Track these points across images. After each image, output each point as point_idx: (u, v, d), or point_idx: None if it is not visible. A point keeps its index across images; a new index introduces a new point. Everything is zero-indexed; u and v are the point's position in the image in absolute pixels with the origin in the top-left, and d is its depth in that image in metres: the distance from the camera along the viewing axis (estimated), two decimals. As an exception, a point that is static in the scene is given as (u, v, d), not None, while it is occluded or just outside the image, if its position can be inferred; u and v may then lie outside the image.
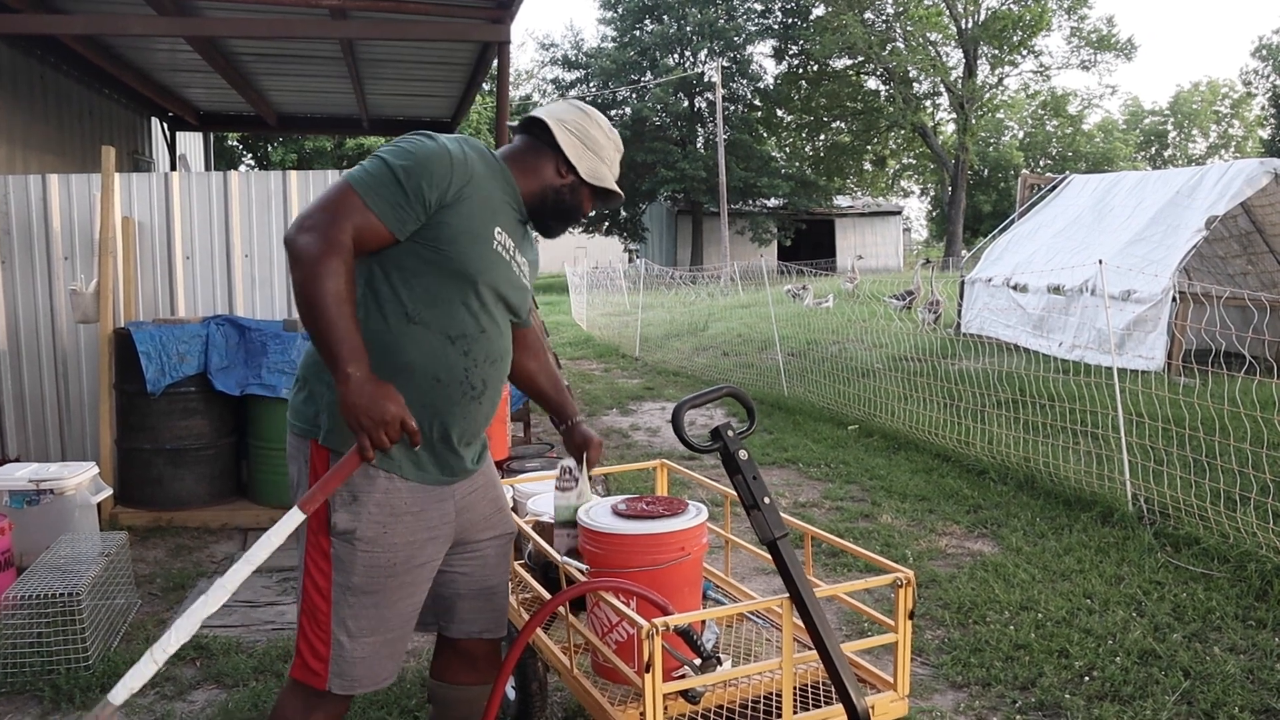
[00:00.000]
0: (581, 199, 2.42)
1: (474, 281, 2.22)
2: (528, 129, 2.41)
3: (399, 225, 2.13)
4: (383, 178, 2.11)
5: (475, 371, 2.26)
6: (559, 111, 2.41)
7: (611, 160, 2.44)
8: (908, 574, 2.34)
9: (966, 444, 6.81)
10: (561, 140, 2.35)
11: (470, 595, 2.44)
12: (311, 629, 2.21)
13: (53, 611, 3.63)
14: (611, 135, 2.45)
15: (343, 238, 2.06)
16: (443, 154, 2.15)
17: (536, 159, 2.38)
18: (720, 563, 3.27)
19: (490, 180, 2.26)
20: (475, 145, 2.28)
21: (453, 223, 2.17)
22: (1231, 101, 56.51)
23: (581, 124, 2.39)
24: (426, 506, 2.25)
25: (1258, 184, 9.67)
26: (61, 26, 7.27)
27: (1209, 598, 4.22)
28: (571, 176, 2.38)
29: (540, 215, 2.41)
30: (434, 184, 2.13)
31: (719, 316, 17.80)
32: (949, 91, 39.71)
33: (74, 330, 6.29)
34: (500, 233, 2.27)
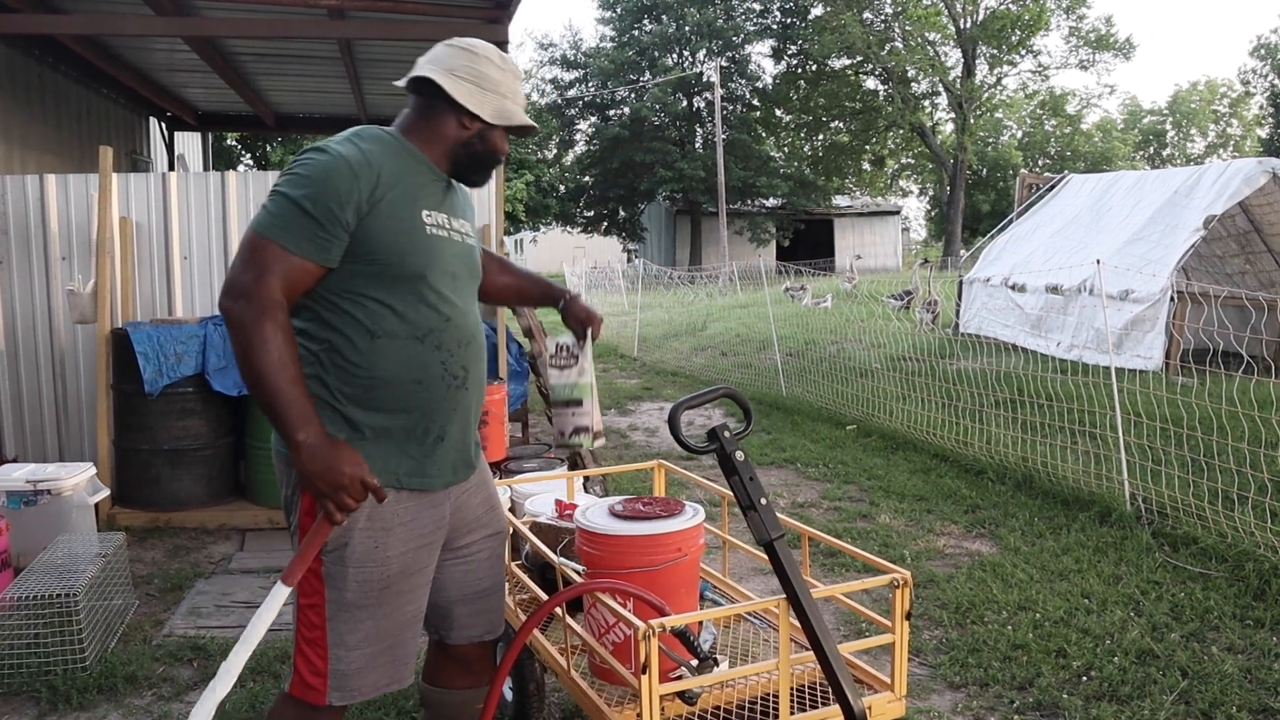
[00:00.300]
0: (494, 143, 2.28)
1: (422, 276, 2.15)
2: (417, 89, 2.24)
3: (325, 256, 2.05)
4: (290, 215, 2.02)
5: (452, 361, 2.21)
6: (443, 59, 2.23)
7: (514, 92, 2.28)
8: (905, 575, 2.34)
9: (964, 444, 6.81)
10: (455, 92, 2.19)
11: (466, 599, 2.41)
12: (308, 647, 2.18)
13: (50, 612, 3.63)
14: (506, 65, 2.27)
15: (272, 295, 2.00)
16: (341, 166, 2.05)
17: (434, 120, 2.23)
18: (718, 563, 3.27)
19: (399, 166, 2.15)
20: (370, 135, 2.17)
21: (378, 228, 2.09)
22: (1230, 101, 56.55)
23: (472, 66, 2.21)
24: (419, 514, 2.21)
25: (1255, 183, 9.67)
26: (60, 26, 7.26)
27: (1207, 597, 4.22)
28: (477, 125, 2.24)
29: (458, 173, 2.30)
30: (343, 200, 2.03)
31: (717, 316, 17.80)
32: (947, 91, 39.72)
33: (71, 330, 6.29)
34: (429, 214, 2.19)
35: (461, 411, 2.26)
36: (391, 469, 2.16)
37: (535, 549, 2.73)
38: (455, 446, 2.27)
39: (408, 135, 2.24)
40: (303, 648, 2.19)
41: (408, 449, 2.18)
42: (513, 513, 3.53)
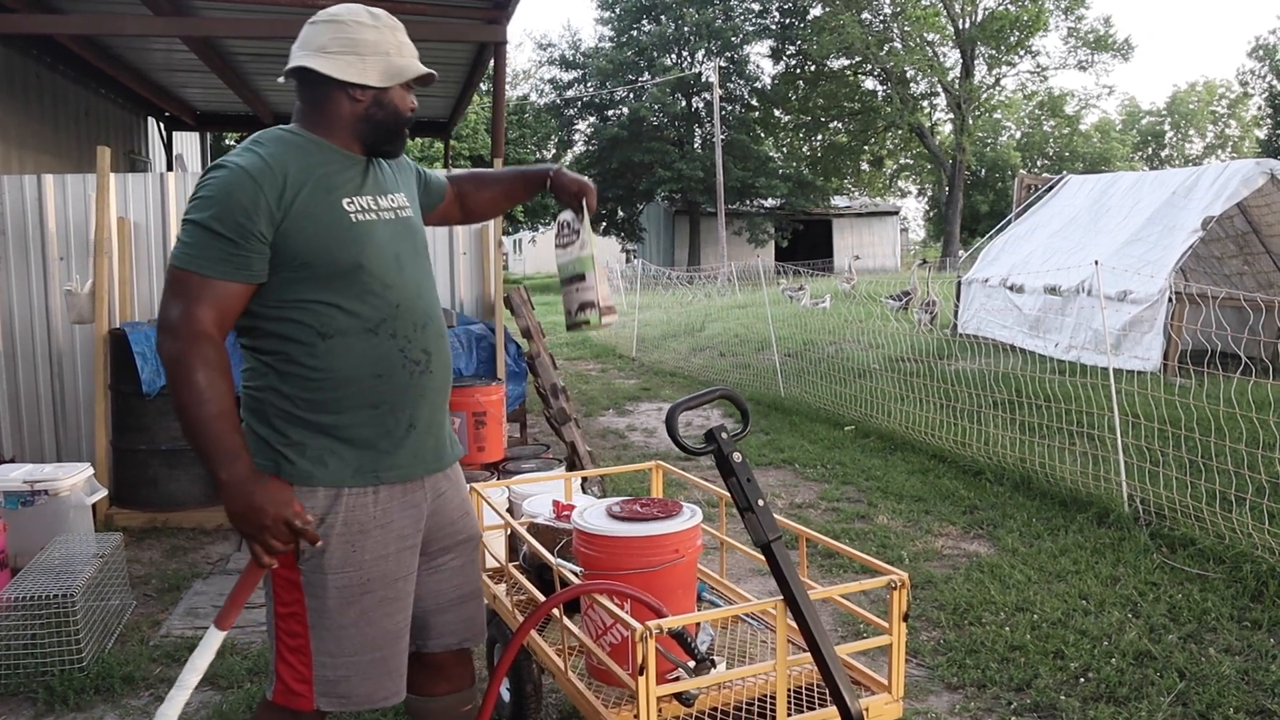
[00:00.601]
0: (395, 105, 2.16)
1: (359, 266, 2.08)
2: (300, 78, 2.14)
3: (247, 273, 2.00)
4: (202, 241, 1.97)
5: (411, 347, 2.15)
6: (312, 40, 2.12)
7: (397, 46, 2.15)
8: (902, 576, 2.34)
9: (963, 444, 6.81)
10: (333, 70, 2.09)
11: (443, 608, 2.35)
12: (292, 656, 2.13)
13: (47, 613, 3.62)
14: (381, 21, 2.14)
15: (200, 328, 1.96)
16: (243, 178, 1.98)
17: (324, 104, 2.13)
18: (715, 564, 3.27)
19: (306, 162, 2.07)
20: (270, 137, 2.10)
21: (299, 231, 2.02)
22: (1228, 102, 56.60)
23: (343, 36, 2.10)
24: (396, 516, 2.17)
25: (1254, 184, 9.68)
26: (58, 26, 7.26)
27: (1204, 599, 4.22)
28: (368, 94, 2.13)
29: (371, 149, 2.19)
30: (251, 212, 1.97)
31: (716, 317, 17.80)
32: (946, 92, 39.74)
33: (69, 331, 6.29)
34: (350, 201, 2.11)
35: (430, 396, 2.21)
36: (368, 468, 2.12)
37: (533, 550, 2.73)
38: (429, 432, 2.22)
39: (308, 127, 2.15)
40: (286, 656, 2.14)
41: (380, 444, 2.13)
42: (511, 513, 3.53)
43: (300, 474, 2.08)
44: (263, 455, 2.11)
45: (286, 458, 2.09)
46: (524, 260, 60.53)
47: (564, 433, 6.41)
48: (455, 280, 6.78)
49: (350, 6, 2.15)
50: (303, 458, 2.08)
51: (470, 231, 6.74)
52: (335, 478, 2.10)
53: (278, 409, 2.10)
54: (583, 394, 10.71)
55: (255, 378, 2.13)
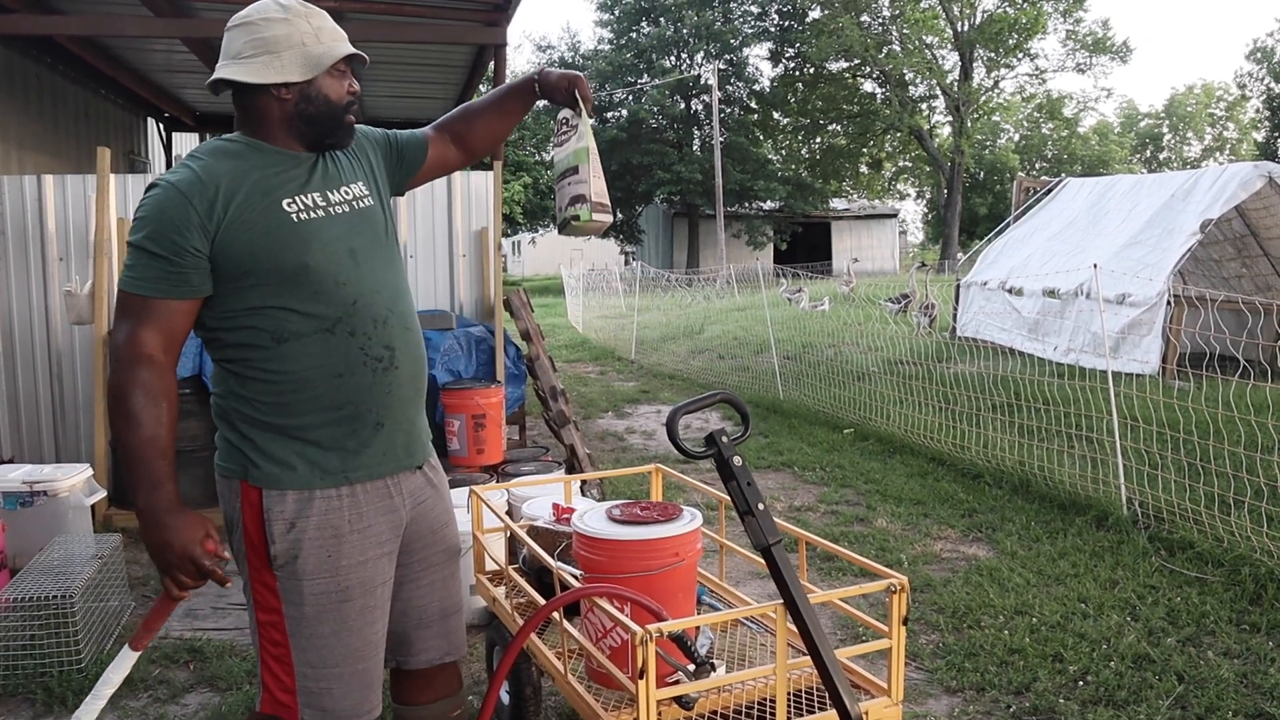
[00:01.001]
0: (326, 94, 2.09)
1: (303, 268, 2.03)
2: (231, 89, 2.09)
3: (186, 289, 1.99)
4: (141, 262, 1.97)
5: (371, 344, 2.10)
6: (229, 48, 2.08)
7: (315, 31, 2.08)
8: (902, 580, 2.34)
9: (962, 448, 6.82)
10: (249, 75, 2.04)
11: (427, 624, 2.33)
12: (276, 664, 2.11)
13: (46, 614, 3.63)
14: (290, 11, 2.07)
15: (139, 349, 1.96)
16: (173, 195, 1.96)
17: (254, 109, 2.09)
18: (715, 567, 3.27)
19: (241, 169, 2.04)
20: (207, 149, 2.07)
21: (238, 239, 1.99)
22: (1226, 104, 56.66)
23: (254, 37, 2.05)
24: (374, 520, 2.14)
25: (1252, 188, 9.69)
26: (58, 27, 7.27)
27: (1203, 602, 4.22)
28: (293, 91, 2.07)
29: (315, 143, 2.14)
30: (184, 228, 1.95)
31: (715, 319, 17.80)
32: (945, 94, 39.77)
33: (68, 331, 6.29)
34: (292, 201, 2.06)
35: (397, 392, 2.16)
36: (336, 468, 2.09)
37: (532, 553, 2.73)
38: (399, 429, 2.18)
39: (248, 132, 2.12)
40: (270, 664, 2.12)
41: (347, 444, 2.10)
42: (510, 516, 3.53)
43: (268, 478, 2.07)
44: (232, 460, 2.11)
45: (253, 462, 2.08)
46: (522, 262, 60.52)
47: (563, 435, 6.42)
48: (455, 282, 6.78)
49: (260, 4, 2.08)
50: (269, 461, 2.07)
51: (470, 234, 6.74)
52: (304, 481, 2.08)
53: (242, 414, 2.09)
54: (581, 396, 10.71)
55: (220, 384, 2.13)
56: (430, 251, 6.72)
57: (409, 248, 6.64)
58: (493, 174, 6.69)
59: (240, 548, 2.13)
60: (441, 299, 6.74)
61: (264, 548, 2.07)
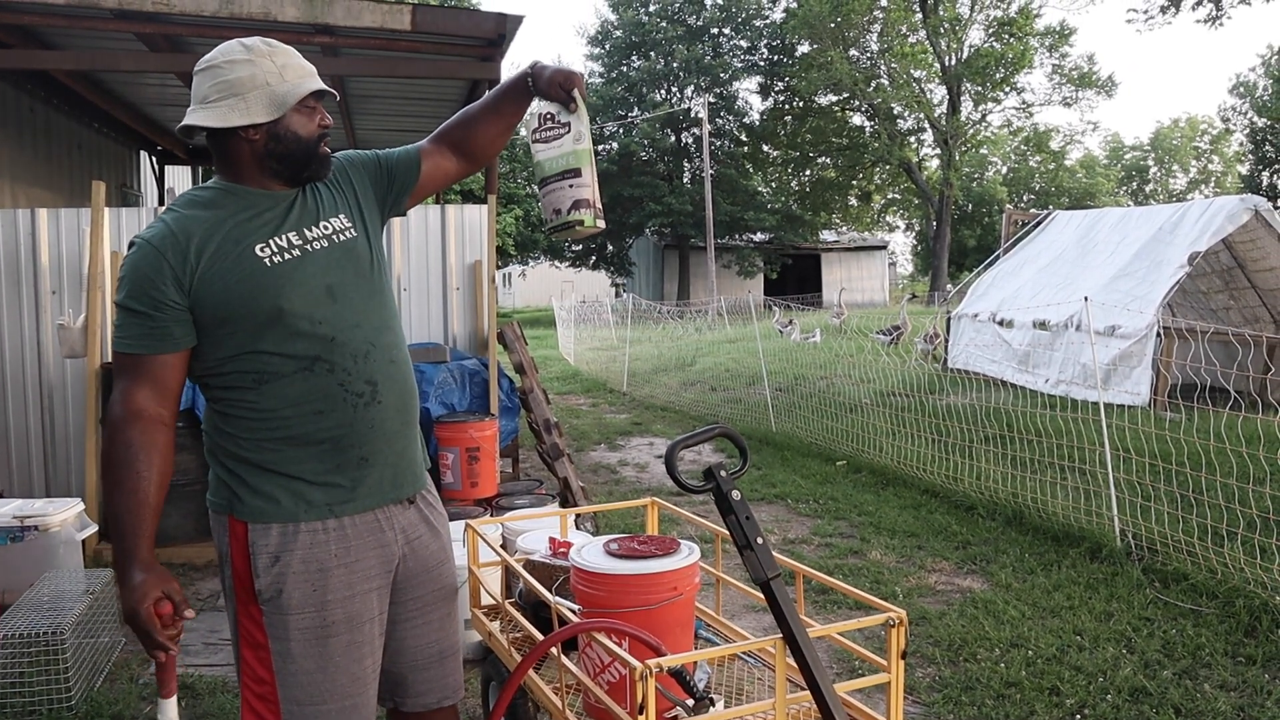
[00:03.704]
0: (295, 131, 2.08)
1: (278, 311, 2.03)
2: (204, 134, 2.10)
3: (170, 343, 2.02)
4: (125, 321, 2.02)
5: (351, 379, 2.10)
6: (196, 93, 2.08)
7: (278, 68, 2.06)
8: (900, 614, 2.34)
9: (954, 480, 6.82)
10: (214, 120, 2.04)
11: (424, 666, 2.31)
12: (258, 702, 2.09)
13: (35, 650, 3.59)
14: (254, 51, 2.06)
15: (134, 407, 1.99)
16: (146, 252, 2.00)
17: (226, 152, 2.10)
18: (711, 600, 3.26)
19: (214, 217, 2.05)
20: (183, 200, 2.10)
21: (212, 290, 2.01)
22: (1210, 138, 57.26)
23: (218, 80, 2.05)
24: (362, 554, 2.12)
25: (1239, 220, 9.79)
26: (56, 62, 7.30)
27: (1198, 634, 4.22)
28: (260, 131, 2.06)
29: (292, 179, 2.14)
30: (159, 283, 1.98)
31: (706, 351, 17.82)
32: (933, 128, 40.08)
33: (61, 365, 6.27)
34: (263, 246, 2.06)
35: (381, 427, 2.14)
36: (320, 501, 2.09)
37: (529, 587, 2.72)
38: (386, 463, 2.17)
39: (224, 175, 2.13)
40: (252, 703, 2.09)
41: (332, 479, 2.10)
42: (505, 549, 3.52)
43: (252, 511, 2.08)
44: (219, 495, 2.13)
45: (239, 497, 2.09)
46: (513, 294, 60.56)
47: (557, 468, 6.40)
48: (449, 315, 6.79)
49: (224, 46, 2.08)
50: (254, 495, 2.08)
51: (464, 266, 6.76)
52: (288, 514, 2.08)
53: (228, 451, 2.11)
54: (574, 429, 10.70)
55: (209, 422, 2.17)
56: (424, 284, 6.73)
57: (402, 280, 6.65)
58: (486, 207, 6.72)
59: (229, 583, 2.13)
60: (435, 332, 6.75)
61: (250, 581, 2.07)
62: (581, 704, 2.61)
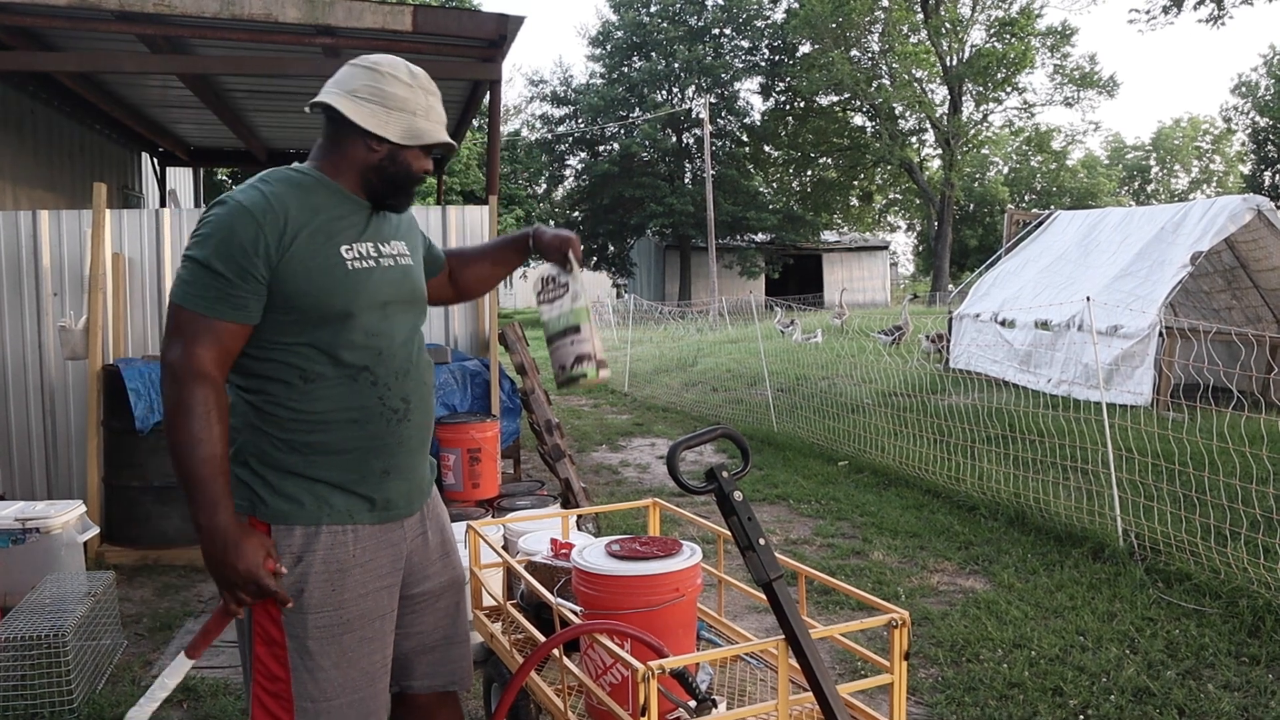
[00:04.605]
0: (408, 164, 2.17)
1: (348, 315, 2.08)
2: (327, 116, 2.15)
3: (245, 314, 2.01)
4: (202, 280, 1.98)
5: (390, 395, 2.14)
6: (345, 82, 2.13)
7: (425, 109, 2.17)
8: (903, 615, 2.33)
9: (957, 480, 6.81)
10: (356, 115, 2.10)
11: (429, 649, 2.34)
12: (271, 700, 2.10)
13: (38, 652, 3.59)
14: (416, 80, 2.16)
15: (197, 366, 1.96)
16: (243, 216, 1.99)
17: (342, 146, 2.14)
18: (713, 601, 3.26)
19: (309, 204, 2.08)
20: (277, 176, 2.10)
21: (294, 274, 2.03)
22: (1212, 138, 57.22)
23: (374, 85, 2.12)
24: (376, 554, 2.16)
25: (1241, 220, 9.78)
26: (58, 64, 7.30)
27: (1202, 634, 4.21)
28: (385, 147, 2.13)
29: (374, 198, 2.19)
30: (251, 253, 1.98)
31: (708, 352, 17.82)
32: (934, 128, 40.08)
33: (62, 367, 6.27)
34: (349, 248, 2.11)
35: (407, 443, 2.20)
36: (341, 508, 2.12)
37: (531, 589, 2.71)
38: (406, 477, 2.22)
39: (321, 166, 2.16)
40: (264, 700, 2.10)
41: (358, 487, 2.13)
42: (507, 551, 3.51)
43: (276, 513, 2.09)
44: (240, 497, 2.10)
45: (262, 499, 2.10)
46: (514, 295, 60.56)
47: (558, 469, 6.40)
48: (450, 317, 6.79)
49: (393, 59, 2.16)
50: (278, 497, 2.09)
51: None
52: (311, 517, 2.10)
53: (255, 448, 2.10)
54: (576, 430, 10.70)
55: (234, 416, 2.13)
56: (425, 285, 6.71)
57: (404, 282, 6.64)
58: (488, 208, 6.71)
59: None
60: (436, 333, 6.75)
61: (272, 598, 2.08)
62: (583, 705, 2.61)
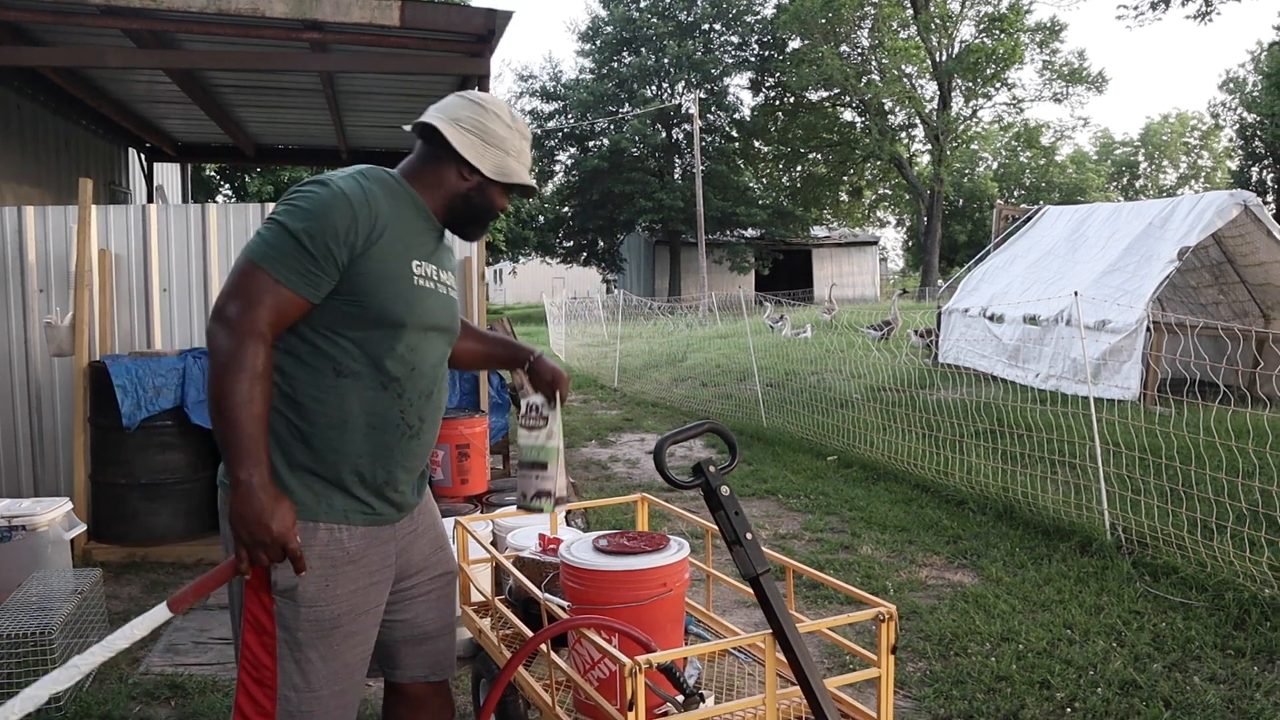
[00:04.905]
0: (492, 198, 2.28)
1: (402, 325, 2.14)
2: (423, 135, 2.25)
3: (314, 292, 2.04)
4: (285, 246, 2.00)
5: (411, 411, 2.19)
6: (451, 109, 2.23)
7: (518, 151, 2.28)
8: (890, 609, 2.34)
9: (945, 474, 6.83)
10: (457, 142, 2.20)
11: (413, 640, 2.39)
12: (254, 686, 2.13)
13: (24, 651, 3.58)
14: (515, 123, 2.28)
15: (257, 326, 1.97)
16: (342, 202, 2.04)
17: (436, 168, 2.24)
18: (701, 596, 3.26)
19: (397, 212, 2.15)
20: (375, 176, 2.16)
21: (369, 272, 2.08)
22: (1200, 133, 57.44)
23: (477, 119, 2.22)
24: (368, 551, 2.19)
25: (1228, 215, 9.82)
26: (42, 59, 7.25)
27: (1188, 627, 4.23)
28: (476, 178, 2.24)
29: (453, 224, 2.30)
30: (341, 239, 2.02)
31: (697, 347, 17.83)
32: (924, 123, 40.18)
33: (48, 363, 6.24)
34: (419, 264, 2.18)
35: (411, 460, 2.25)
36: (339, 508, 2.14)
37: (519, 584, 2.71)
38: (402, 489, 2.26)
39: (410, 180, 2.23)
40: (249, 686, 2.13)
41: (357, 491, 2.16)
42: (495, 546, 3.51)
43: None
44: None
45: None
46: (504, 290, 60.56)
47: (547, 464, 6.39)
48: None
49: (498, 100, 2.27)
50: (281, 488, 2.09)
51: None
52: (310, 513, 2.11)
53: (271, 430, 2.10)
54: (565, 425, 10.65)
55: None
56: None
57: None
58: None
59: None
60: (425, 329, 6.72)
61: (265, 571, 2.10)
62: (572, 701, 2.61)
